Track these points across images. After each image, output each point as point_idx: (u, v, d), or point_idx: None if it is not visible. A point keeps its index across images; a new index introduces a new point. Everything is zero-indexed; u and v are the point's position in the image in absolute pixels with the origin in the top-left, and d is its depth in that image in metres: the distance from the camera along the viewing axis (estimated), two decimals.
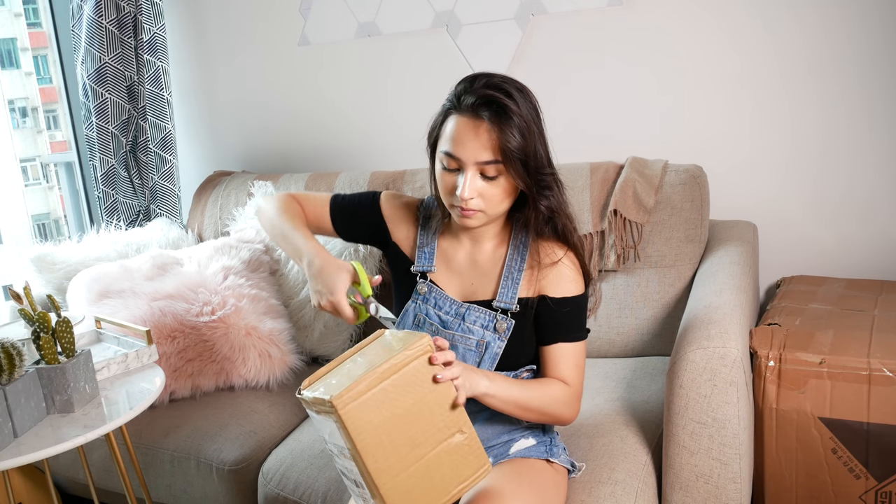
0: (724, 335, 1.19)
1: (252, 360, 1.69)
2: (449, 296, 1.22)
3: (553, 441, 1.21)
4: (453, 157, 1.10)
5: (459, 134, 1.10)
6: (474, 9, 2.04)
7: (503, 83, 1.10)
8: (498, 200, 1.13)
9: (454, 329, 1.20)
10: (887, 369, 1.28)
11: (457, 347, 1.19)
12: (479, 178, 1.10)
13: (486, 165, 1.09)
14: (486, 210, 1.13)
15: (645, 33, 1.89)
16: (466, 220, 1.14)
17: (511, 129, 1.08)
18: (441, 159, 1.13)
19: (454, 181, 1.12)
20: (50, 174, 3.43)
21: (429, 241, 1.26)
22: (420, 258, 1.25)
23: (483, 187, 1.11)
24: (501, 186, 1.11)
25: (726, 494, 1.19)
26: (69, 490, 1.89)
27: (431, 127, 1.18)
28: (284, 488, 1.36)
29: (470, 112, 1.09)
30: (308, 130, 2.41)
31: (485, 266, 1.22)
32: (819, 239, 1.84)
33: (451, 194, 1.13)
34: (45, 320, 1.19)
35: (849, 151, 1.77)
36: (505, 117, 1.08)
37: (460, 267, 1.23)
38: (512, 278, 1.19)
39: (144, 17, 2.29)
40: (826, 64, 1.74)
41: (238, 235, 1.99)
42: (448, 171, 1.12)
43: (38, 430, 1.15)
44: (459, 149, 1.10)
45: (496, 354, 1.18)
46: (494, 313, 1.19)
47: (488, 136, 1.08)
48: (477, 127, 1.09)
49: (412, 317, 1.23)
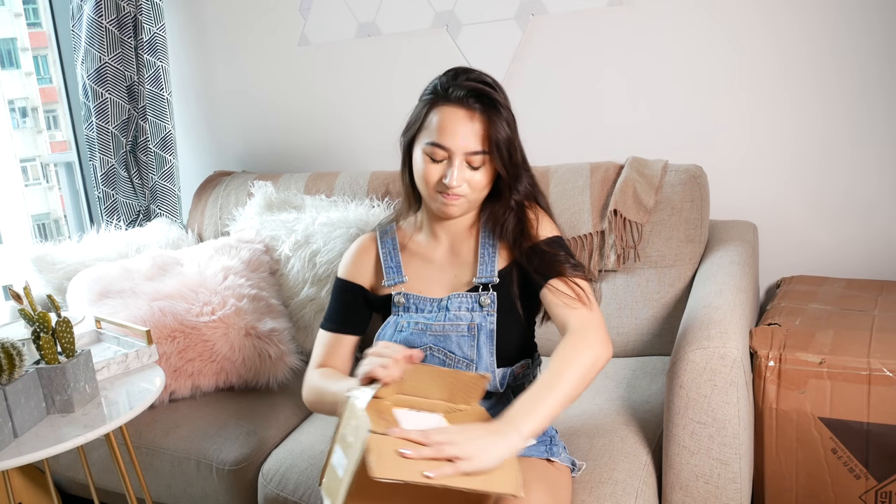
0: (724, 335, 1.19)
1: (252, 360, 1.69)
2: (428, 297, 1.22)
3: (553, 440, 1.21)
4: (441, 146, 1.12)
5: (449, 124, 1.12)
6: (474, 9, 2.04)
7: (485, 77, 1.15)
8: (480, 188, 1.16)
9: (442, 321, 1.20)
10: (887, 369, 1.28)
11: (450, 337, 1.19)
12: (466, 167, 1.13)
13: (474, 156, 1.13)
14: (469, 196, 1.15)
15: (645, 33, 1.89)
16: (450, 209, 1.16)
17: (500, 121, 1.12)
18: (426, 150, 1.14)
19: (440, 171, 1.14)
20: (50, 174, 3.43)
21: (392, 256, 1.27)
22: (388, 274, 1.26)
23: (468, 175, 1.14)
24: (484, 175, 1.15)
25: (726, 494, 1.19)
26: (69, 490, 1.89)
27: (411, 120, 1.19)
28: (284, 489, 1.36)
29: (459, 103, 1.12)
30: (308, 130, 2.41)
31: (464, 254, 1.24)
32: (819, 239, 1.84)
33: (435, 184, 1.15)
34: (45, 320, 1.19)
35: (849, 151, 1.77)
36: (494, 110, 1.12)
37: (441, 263, 1.24)
38: (487, 253, 1.21)
39: (144, 17, 2.29)
40: (826, 64, 1.75)
41: (238, 235, 1.99)
42: (433, 162, 1.14)
43: (38, 430, 1.14)
44: (449, 138, 1.12)
45: (491, 331, 1.18)
46: (476, 293, 1.19)
47: (479, 127, 1.12)
48: (467, 117, 1.12)
49: (393, 327, 1.22)
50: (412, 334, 1.20)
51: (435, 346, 1.19)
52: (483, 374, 1.06)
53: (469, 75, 1.15)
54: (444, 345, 1.19)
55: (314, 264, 1.85)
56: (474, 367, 1.18)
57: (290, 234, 1.91)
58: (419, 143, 1.17)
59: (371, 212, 1.88)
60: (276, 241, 1.94)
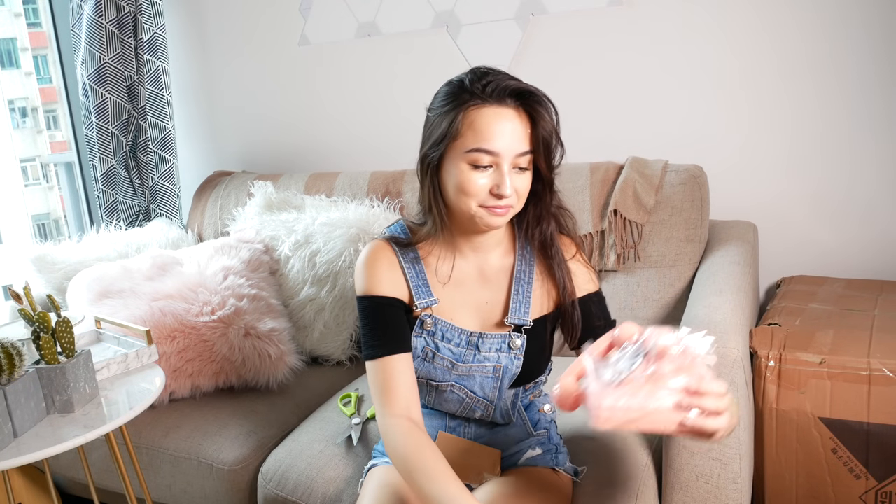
0: (724, 335, 1.19)
1: (252, 360, 1.69)
2: (457, 326, 1.12)
3: (558, 448, 1.21)
4: (488, 151, 0.99)
5: (495, 124, 0.99)
6: (474, 9, 2.04)
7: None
8: (524, 193, 1.05)
9: (469, 361, 1.12)
10: (887, 369, 1.28)
11: (474, 378, 1.13)
12: (515, 171, 1.02)
13: (522, 157, 1.01)
14: (515, 205, 1.04)
15: (645, 33, 1.89)
16: (497, 220, 1.03)
17: (547, 115, 1.01)
18: (467, 159, 1.00)
19: (487, 180, 1.01)
20: (50, 174, 3.43)
21: (419, 273, 1.12)
22: (418, 294, 1.11)
23: (517, 182, 1.02)
24: (529, 179, 1.04)
25: (726, 494, 1.19)
26: (69, 490, 1.89)
27: (438, 132, 1.03)
28: (284, 489, 1.36)
29: (499, 101, 1.00)
30: (308, 130, 2.41)
31: (495, 278, 1.13)
32: (819, 239, 1.84)
33: (482, 195, 1.01)
34: (45, 320, 1.19)
35: (849, 151, 1.77)
36: (538, 102, 1.01)
37: (471, 283, 1.13)
38: (522, 291, 1.12)
39: (144, 17, 2.29)
40: (826, 63, 1.74)
41: (238, 235, 1.99)
42: (477, 170, 1.01)
43: (38, 430, 1.14)
44: (497, 141, 0.99)
45: (514, 374, 1.13)
46: (507, 334, 1.11)
47: (525, 124, 1.01)
48: (513, 115, 1.00)
49: (420, 349, 1.11)
50: (435, 368, 1.12)
51: (457, 384, 1.14)
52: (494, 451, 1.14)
53: (496, 71, 1.03)
54: (467, 384, 1.14)
55: (314, 264, 1.85)
56: (493, 408, 1.16)
57: (290, 234, 1.91)
58: (455, 153, 1.01)
59: (371, 212, 1.88)
60: (276, 241, 1.94)
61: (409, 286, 1.11)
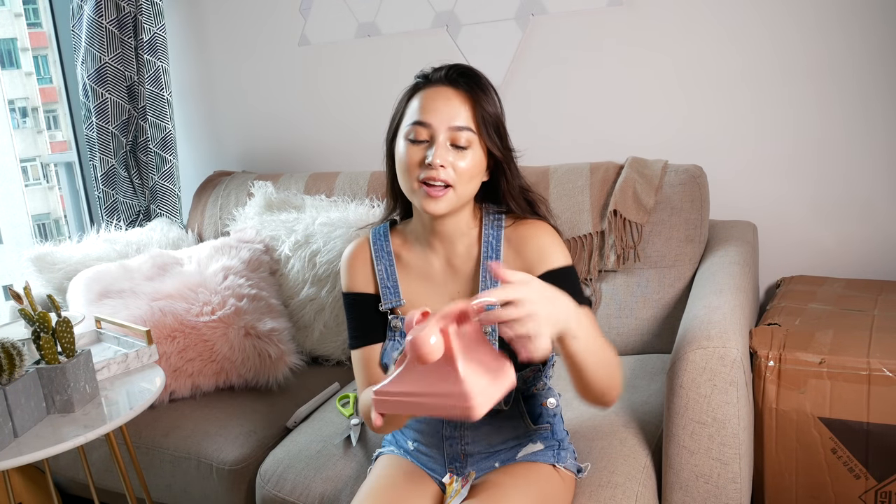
0: (723, 335, 1.19)
1: (252, 359, 1.69)
2: None
3: (561, 445, 1.19)
4: (423, 123, 1.05)
5: (431, 101, 1.06)
6: (474, 9, 2.04)
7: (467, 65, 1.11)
8: (468, 177, 1.06)
9: None
10: (887, 369, 1.28)
11: None
12: (450, 147, 1.05)
13: (459, 132, 1.05)
14: (456, 186, 1.05)
15: (645, 33, 1.89)
16: (433, 202, 1.05)
17: (488, 96, 1.07)
18: (407, 133, 1.06)
19: (422, 153, 1.05)
20: (50, 174, 3.43)
21: (388, 272, 1.18)
22: (385, 295, 1.17)
23: (454, 158, 1.05)
24: (472, 159, 1.06)
25: (726, 494, 1.19)
26: (69, 490, 1.89)
27: (394, 113, 1.12)
28: (282, 489, 1.36)
29: (443, 81, 1.07)
30: (308, 130, 2.41)
31: (463, 268, 1.15)
32: (819, 239, 1.84)
33: (417, 168, 1.05)
34: (45, 320, 1.19)
35: (849, 151, 1.77)
36: (482, 86, 1.07)
37: (440, 275, 1.16)
38: (489, 277, 1.12)
39: (144, 17, 2.29)
40: (826, 64, 1.74)
41: (238, 235, 1.99)
42: (414, 144, 1.06)
43: (38, 430, 1.15)
44: (431, 114, 1.05)
45: None
46: None
47: (464, 103, 1.06)
48: (451, 93, 1.06)
49: (399, 355, 1.15)
50: None
51: None
52: None
53: (453, 65, 1.10)
54: None
55: (314, 264, 1.85)
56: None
57: (290, 234, 1.92)
58: (403, 125, 1.09)
59: (371, 212, 1.88)
60: (276, 241, 1.94)
61: (377, 286, 1.19)
